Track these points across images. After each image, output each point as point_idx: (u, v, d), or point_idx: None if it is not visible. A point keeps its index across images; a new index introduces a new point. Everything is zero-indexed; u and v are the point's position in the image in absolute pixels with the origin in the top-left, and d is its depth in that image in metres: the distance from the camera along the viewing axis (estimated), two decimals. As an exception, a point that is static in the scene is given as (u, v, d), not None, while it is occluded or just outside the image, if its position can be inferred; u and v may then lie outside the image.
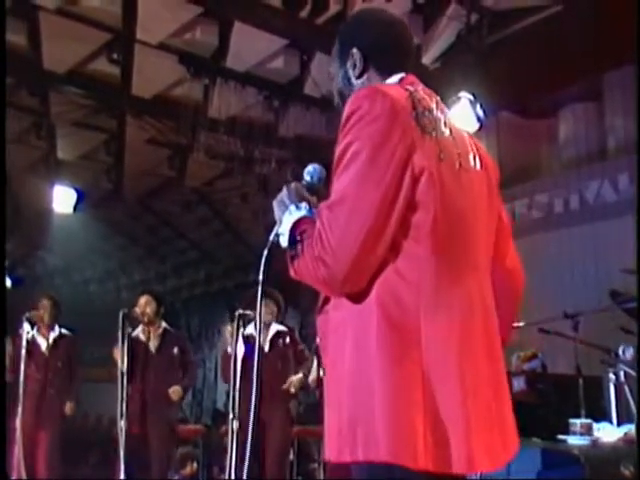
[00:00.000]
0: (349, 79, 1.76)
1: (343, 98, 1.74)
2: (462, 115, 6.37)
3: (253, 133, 7.67)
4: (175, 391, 5.31)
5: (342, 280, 1.47)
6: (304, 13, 5.92)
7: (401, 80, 1.70)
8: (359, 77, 1.75)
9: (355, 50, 1.74)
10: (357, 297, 1.51)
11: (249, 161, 8.08)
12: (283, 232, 1.60)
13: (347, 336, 1.52)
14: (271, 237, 1.67)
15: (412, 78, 1.71)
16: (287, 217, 1.61)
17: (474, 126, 6.44)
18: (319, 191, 1.74)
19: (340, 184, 1.49)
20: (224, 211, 10.40)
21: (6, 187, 8.46)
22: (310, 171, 1.77)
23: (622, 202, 6.14)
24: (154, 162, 8.54)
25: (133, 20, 6.09)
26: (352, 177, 1.47)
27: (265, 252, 1.73)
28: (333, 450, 1.53)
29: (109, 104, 7.32)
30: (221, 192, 9.51)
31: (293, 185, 1.72)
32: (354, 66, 1.74)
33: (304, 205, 1.62)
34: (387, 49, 1.75)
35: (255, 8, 5.85)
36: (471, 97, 6.25)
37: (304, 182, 1.76)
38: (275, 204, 1.69)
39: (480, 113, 6.29)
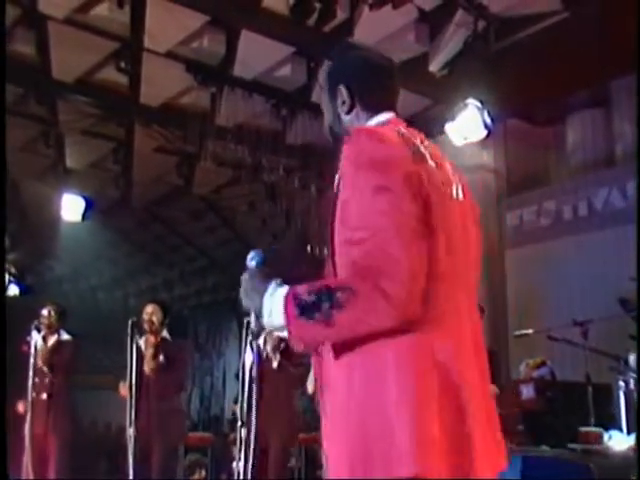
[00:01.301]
0: (338, 115, 1.81)
1: (333, 133, 1.84)
2: (469, 122, 6.37)
3: (260, 141, 7.68)
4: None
5: (408, 303, 1.45)
6: (311, 21, 5.94)
7: (388, 121, 1.75)
8: (347, 113, 1.79)
9: (342, 87, 1.78)
10: None
11: (256, 169, 8.09)
12: (272, 312, 1.55)
13: (356, 357, 1.52)
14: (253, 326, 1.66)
15: (397, 119, 1.78)
16: (270, 298, 1.56)
17: (481, 133, 6.45)
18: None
19: (366, 220, 1.47)
20: (232, 219, 10.42)
21: (11, 192, 8.51)
22: (252, 256, 1.79)
23: (631, 208, 6.11)
24: (162, 170, 8.56)
25: (141, 29, 6.12)
26: (379, 210, 1.46)
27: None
28: (343, 469, 1.51)
29: (117, 113, 7.35)
30: (229, 200, 9.52)
31: (250, 272, 1.70)
32: (342, 102, 1.79)
33: (277, 281, 1.59)
34: (373, 88, 1.81)
35: (262, 16, 5.87)
36: (478, 104, 6.26)
37: (250, 267, 1.76)
38: (244, 296, 1.65)
39: (487, 120, 6.29)
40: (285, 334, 1.54)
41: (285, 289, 1.54)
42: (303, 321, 1.48)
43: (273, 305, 1.54)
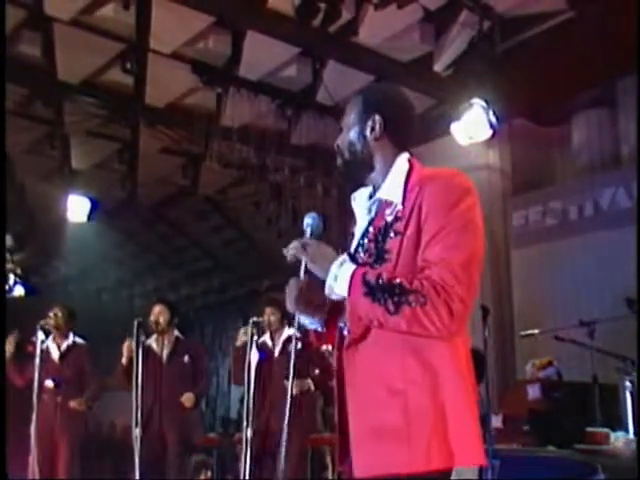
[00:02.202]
0: (365, 137, 1.98)
1: (352, 150, 1.99)
2: (475, 122, 6.36)
3: (266, 141, 7.69)
4: (187, 398, 5.31)
5: (463, 321, 1.73)
6: (316, 21, 5.94)
7: (413, 160, 1.96)
8: (374, 140, 1.97)
9: (378, 117, 1.95)
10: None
11: (262, 169, 8.09)
12: (337, 278, 1.79)
13: (407, 360, 1.74)
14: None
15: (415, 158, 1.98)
16: (339, 266, 1.80)
17: (487, 133, 6.44)
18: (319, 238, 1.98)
19: (448, 250, 1.72)
20: (237, 219, 10.42)
21: (17, 193, 8.54)
22: (309, 221, 2.02)
23: (637, 208, 6.10)
24: (167, 171, 8.57)
25: (146, 30, 6.13)
26: (460, 243, 1.73)
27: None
28: (398, 463, 1.68)
29: (123, 113, 7.36)
30: (234, 200, 9.53)
31: (315, 240, 1.95)
32: (372, 129, 1.96)
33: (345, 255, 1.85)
34: (405, 128, 2.01)
35: (267, 17, 5.88)
36: (484, 104, 6.25)
37: (306, 233, 1.99)
38: (310, 259, 1.88)
39: (493, 120, 6.28)
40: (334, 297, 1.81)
41: (353, 264, 1.79)
42: (368, 299, 1.71)
43: (340, 273, 1.78)
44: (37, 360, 5.41)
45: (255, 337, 5.05)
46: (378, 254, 1.82)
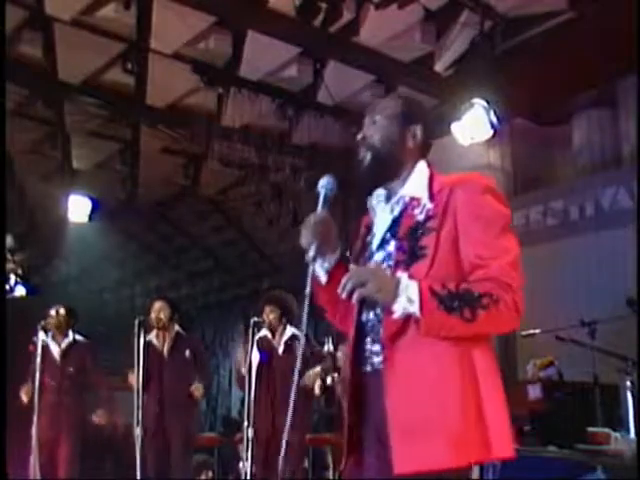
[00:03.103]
0: (404, 142, 2.04)
1: (387, 149, 2.02)
2: (476, 122, 6.36)
3: (267, 141, 7.69)
4: (197, 388, 5.31)
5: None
6: (317, 21, 5.94)
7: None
8: (409, 148, 2.04)
9: (419, 127, 2.05)
10: None
11: (263, 169, 8.10)
12: (410, 299, 1.75)
13: (455, 362, 1.80)
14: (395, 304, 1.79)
15: None
16: (405, 287, 1.77)
17: (488, 133, 6.43)
18: (331, 201, 2.01)
19: (497, 249, 1.84)
20: (238, 219, 10.43)
21: (18, 193, 8.54)
22: (324, 183, 2.02)
23: (638, 208, 6.09)
24: (168, 171, 8.57)
25: (147, 30, 6.13)
26: (508, 244, 1.87)
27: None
28: (440, 459, 1.73)
29: (124, 114, 7.36)
30: (235, 200, 9.53)
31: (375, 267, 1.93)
32: (414, 137, 2.05)
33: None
34: (430, 143, 2.11)
35: (268, 17, 5.88)
36: (485, 104, 6.25)
37: (321, 194, 2.00)
38: (373, 283, 1.77)
39: (494, 120, 6.28)
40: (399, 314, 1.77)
41: (414, 281, 1.77)
42: (442, 312, 1.73)
43: (409, 293, 1.75)
44: (38, 360, 5.41)
45: (256, 337, 5.06)
46: (413, 251, 1.85)
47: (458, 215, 1.85)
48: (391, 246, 1.94)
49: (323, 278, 2.04)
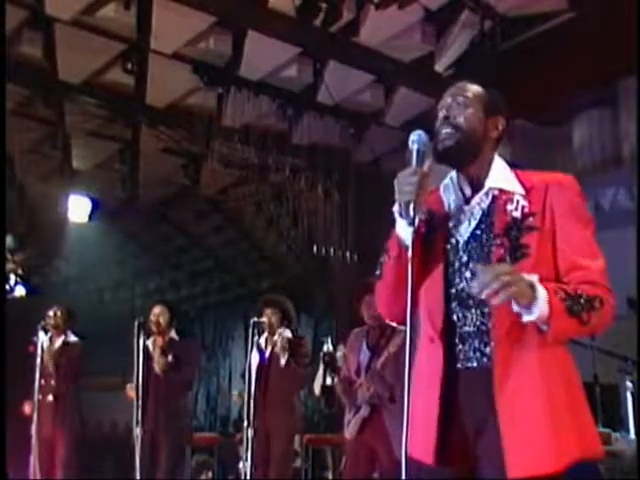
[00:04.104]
0: (487, 130, 2.02)
1: (474, 134, 1.99)
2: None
3: (267, 141, 7.69)
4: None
5: None
6: (317, 21, 5.94)
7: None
8: (491, 138, 2.03)
9: (503, 119, 2.06)
10: None
11: (263, 169, 8.10)
12: (539, 305, 1.73)
13: (554, 358, 1.84)
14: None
15: None
16: (540, 291, 1.74)
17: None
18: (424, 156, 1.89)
19: (594, 248, 1.91)
20: (238, 219, 10.42)
21: (18, 193, 8.54)
22: (415, 139, 1.88)
23: (638, 208, 6.09)
24: (168, 171, 8.57)
25: (147, 30, 6.13)
26: (598, 246, 1.92)
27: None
28: (554, 462, 1.75)
29: (124, 114, 7.36)
30: (235, 200, 9.53)
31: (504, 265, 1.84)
32: (496, 127, 2.04)
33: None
34: (504, 140, 2.09)
35: (268, 17, 5.88)
36: (484, 104, 6.23)
37: (414, 150, 1.87)
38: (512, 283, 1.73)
39: (494, 120, 6.27)
40: (529, 318, 1.74)
41: (541, 286, 1.75)
42: (567, 316, 1.75)
43: (541, 296, 1.73)
44: (37, 360, 5.41)
45: (256, 337, 5.06)
46: (515, 248, 1.84)
47: (556, 214, 1.87)
48: (486, 241, 1.90)
49: (409, 241, 1.86)
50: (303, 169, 8.18)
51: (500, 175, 1.96)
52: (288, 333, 5.21)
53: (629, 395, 4.14)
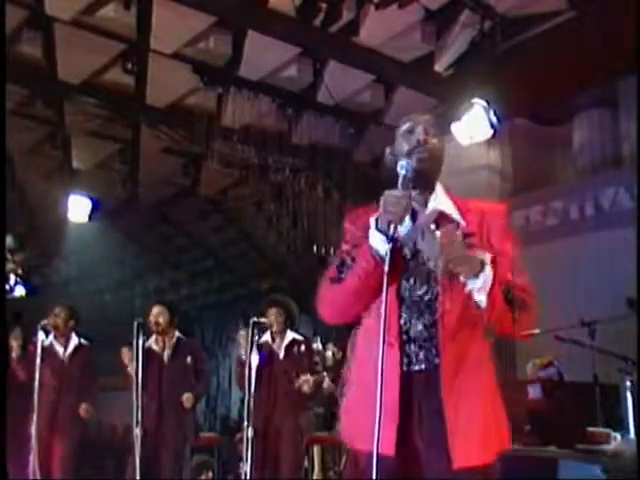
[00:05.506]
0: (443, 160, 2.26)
1: (441, 157, 2.21)
2: (475, 122, 6.36)
3: (267, 141, 7.69)
4: (188, 398, 5.30)
5: None
6: (317, 21, 5.94)
7: None
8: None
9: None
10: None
11: (263, 169, 8.10)
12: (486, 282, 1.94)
13: (487, 361, 2.09)
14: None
15: None
16: (487, 266, 1.96)
17: (487, 133, 6.43)
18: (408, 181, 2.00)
19: (524, 269, 2.14)
20: (238, 219, 10.43)
21: (18, 193, 8.54)
22: (404, 165, 2.00)
23: (638, 208, 6.09)
24: (169, 171, 8.57)
25: (147, 30, 6.13)
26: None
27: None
28: (491, 452, 1.99)
29: (124, 114, 7.37)
30: (235, 200, 9.53)
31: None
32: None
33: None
34: None
35: (268, 17, 5.88)
36: (485, 104, 6.24)
37: (401, 175, 1.98)
38: (458, 258, 1.94)
39: (494, 120, 6.28)
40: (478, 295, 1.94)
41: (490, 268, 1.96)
42: (504, 305, 1.95)
43: (486, 276, 1.93)
44: (38, 360, 5.40)
45: (256, 338, 5.05)
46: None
47: (492, 237, 2.11)
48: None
49: (383, 252, 1.97)
50: (303, 169, 8.19)
51: (442, 199, 2.15)
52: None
53: (629, 395, 4.14)
